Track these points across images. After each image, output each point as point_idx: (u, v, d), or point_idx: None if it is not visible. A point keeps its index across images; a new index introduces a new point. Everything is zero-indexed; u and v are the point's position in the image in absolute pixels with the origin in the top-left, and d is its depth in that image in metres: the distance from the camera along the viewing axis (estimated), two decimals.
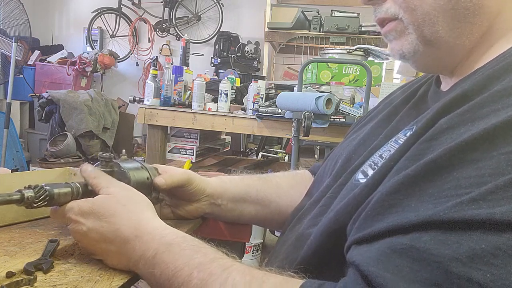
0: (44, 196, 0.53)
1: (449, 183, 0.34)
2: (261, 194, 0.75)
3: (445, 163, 0.35)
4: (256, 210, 0.75)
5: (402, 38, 0.49)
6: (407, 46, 0.49)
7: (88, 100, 3.50)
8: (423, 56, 0.49)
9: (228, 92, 2.45)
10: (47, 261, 0.50)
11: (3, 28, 3.80)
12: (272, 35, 4.19)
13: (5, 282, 0.45)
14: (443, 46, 0.47)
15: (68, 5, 5.22)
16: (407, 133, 0.46)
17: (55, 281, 0.47)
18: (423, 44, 0.47)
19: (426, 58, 0.49)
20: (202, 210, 0.72)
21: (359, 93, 2.40)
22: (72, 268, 0.51)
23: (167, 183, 0.65)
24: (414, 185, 0.36)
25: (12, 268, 0.49)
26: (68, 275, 0.49)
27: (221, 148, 3.28)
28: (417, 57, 0.49)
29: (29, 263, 0.49)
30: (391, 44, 0.52)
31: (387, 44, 1.47)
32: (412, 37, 0.48)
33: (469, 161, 0.34)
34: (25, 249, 0.56)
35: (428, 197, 0.35)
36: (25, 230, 0.64)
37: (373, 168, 0.47)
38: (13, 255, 0.53)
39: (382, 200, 0.38)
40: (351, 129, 0.72)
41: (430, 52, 0.48)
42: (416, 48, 0.48)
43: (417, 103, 0.57)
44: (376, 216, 0.38)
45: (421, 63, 0.51)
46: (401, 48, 0.49)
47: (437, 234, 0.33)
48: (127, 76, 5.16)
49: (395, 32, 0.49)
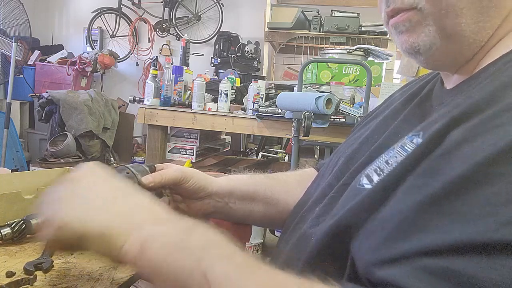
0: (22, 230, 0.56)
1: (480, 201, 0.32)
2: (269, 193, 0.74)
3: (473, 179, 0.33)
4: (264, 209, 0.74)
5: (417, 30, 0.45)
6: (424, 39, 0.45)
7: (88, 100, 3.50)
8: (438, 51, 0.45)
9: (228, 92, 2.45)
10: (47, 261, 0.50)
11: (3, 28, 3.80)
12: (272, 35, 4.19)
13: (5, 281, 0.45)
14: (462, 41, 0.44)
15: (68, 5, 5.22)
16: (413, 139, 0.43)
17: (55, 280, 0.47)
18: (441, 38, 0.44)
19: (441, 53, 0.46)
20: (208, 208, 0.72)
21: (359, 93, 2.40)
22: (72, 268, 0.51)
23: (155, 181, 0.64)
24: (441, 204, 0.34)
25: (12, 268, 0.49)
26: (68, 275, 0.49)
27: (221, 148, 3.29)
28: (431, 52, 0.45)
29: (29, 263, 0.49)
30: (400, 37, 0.47)
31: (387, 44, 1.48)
32: (431, 29, 0.44)
33: (497, 175, 0.32)
34: (25, 249, 0.56)
35: (459, 216, 0.32)
36: None
37: (378, 173, 0.45)
38: (13, 255, 0.53)
39: (407, 219, 0.35)
40: (356, 127, 0.70)
41: (446, 47, 0.45)
42: (433, 41, 0.45)
43: (422, 101, 0.55)
44: (402, 236, 0.35)
45: (433, 59, 0.47)
46: (417, 41, 0.45)
47: (477, 257, 0.30)
48: (127, 76, 5.16)
49: (408, 23, 0.46)
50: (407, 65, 2.42)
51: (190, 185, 0.68)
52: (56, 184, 0.48)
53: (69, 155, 3.28)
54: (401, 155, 0.43)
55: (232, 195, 0.72)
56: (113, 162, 0.76)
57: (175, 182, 0.67)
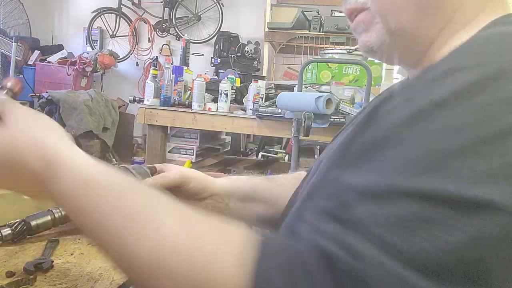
0: (22, 231, 0.57)
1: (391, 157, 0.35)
2: (267, 193, 0.74)
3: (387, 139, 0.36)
4: (264, 209, 0.74)
5: (370, 30, 0.48)
6: (375, 37, 0.48)
7: (88, 100, 3.50)
8: (389, 47, 0.48)
9: (228, 92, 2.45)
10: (47, 261, 0.50)
11: (3, 28, 3.81)
12: (272, 35, 4.19)
13: (5, 281, 0.45)
14: (407, 37, 0.47)
15: (68, 5, 5.22)
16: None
17: (55, 280, 0.47)
18: (390, 35, 0.47)
19: (392, 49, 0.48)
20: (208, 209, 0.72)
21: (359, 93, 2.40)
22: (72, 268, 0.51)
23: (156, 184, 0.65)
24: (373, 151, 0.37)
25: (12, 268, 0.49)
26: (68, 275, 0.49)
27: (221, 148, 3.29)
28: (383, 48, 0.48)
29: (29, 263, 0.49)
30: (360, 38, 0.50)
31: None
32: (379, 27, 0.47)
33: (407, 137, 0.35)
34: (25, 248, 0.56)
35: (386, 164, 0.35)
36: None
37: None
38: (13, 255, 0.53)
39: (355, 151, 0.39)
40: (344, 127, 0.72)
41: (396, 43, 0.47)
42: (382, 39, 0.47)
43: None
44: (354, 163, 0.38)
45: (387, 54, 0.50)
46: (369, 40, 0.48)
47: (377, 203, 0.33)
48: (127, 76, 5.16)
49: (363, 24, 0.48)
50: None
51: (191, 187, 0.69)
52: None
53: None
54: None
55: (232, 196, 0.73)
56: (115, 163, 0.76)
57: (176, 184, 0.68)
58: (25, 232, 0.57)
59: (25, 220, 0.58)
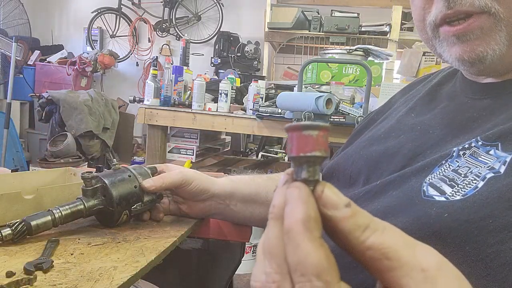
0: (23, 231, 0.57)
1: None
2: (270, 195, 0.73)
3: None
4: (265, 211, 0.73)
5: (488, 37, 0.41)
6: (494, 47, 0.41)
7: (88, 100, 3.50)
8: (499, 59, 0.41)
9: (228, 92, 2.45)
10: (47, 261, 0.50)
11: (3, 28, 3.81)
12: (272, 35, 4.19)
13: (5, 281, 0.45)
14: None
15: (68, 5, 5.22)
16: (490, 150, 0.39)
17: (55, 280, 0.47)
18: (508, 45, 0.40)
19: (500, 61, 0.42)
20: (209, 210, 0.72)
21: (359, 93, 2.40)
22: (72, 268, 0.51)
23: (156, 185, 0.65)
24: None
25: (12, 268, 0.49)
26: (68, 275, 0.49)
27: (221, 148, 3.29)
28: (494, 59, 0.41)
29: (29, 263, 0.49)
30: (466, 45, 0.42)
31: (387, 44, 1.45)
32: (502, 35, 0.40)
33: None
34: (25, 248, 0.56)
35: None
36: None
37: (449, 184, 0.40)
38: (13, 255, 0.53)
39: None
40: (359, 129, 0.65)
41: (507, 53, 0.41)
42: (501, 49, 0.41)
43: (450, 98, 0.51)
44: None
45: (492, 67, 0.42)
46: (486, 49, 0.41)
47: None
48: (127, 76, 5.16)
49: (480, 31, 0.41)
50: (407, 65, 2.42)
51: (192, 188, 0.69)
52: None
53: (69, 155, 3.28)
54: (475, 166, 0.39)
55: (233, 197, 0.72)
56: (116, 163, 0.76)
57: (176, 185, 0.68)
58: (25, 232, 0.57)
59: (25, 220, 0.57)
